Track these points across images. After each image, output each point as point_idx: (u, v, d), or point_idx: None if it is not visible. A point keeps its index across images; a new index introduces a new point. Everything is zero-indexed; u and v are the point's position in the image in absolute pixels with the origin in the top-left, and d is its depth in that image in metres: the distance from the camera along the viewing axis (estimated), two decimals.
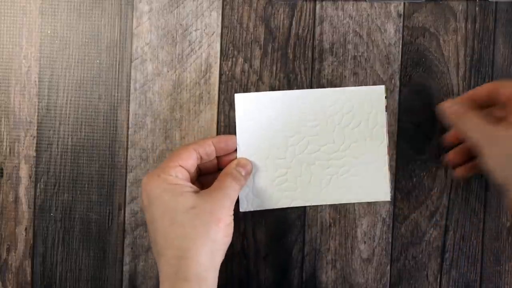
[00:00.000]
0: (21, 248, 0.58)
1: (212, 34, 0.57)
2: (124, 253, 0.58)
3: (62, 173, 0.58)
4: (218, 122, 0.57)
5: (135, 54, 0.57)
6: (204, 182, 0.55)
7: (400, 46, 0.57)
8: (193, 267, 0.49)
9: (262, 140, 0.56)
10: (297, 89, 0.57)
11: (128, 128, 0.57)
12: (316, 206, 0.57)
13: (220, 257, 0.51)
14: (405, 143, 0.57)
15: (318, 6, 0.57)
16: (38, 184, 0.58)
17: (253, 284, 0.58)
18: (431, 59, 0.57)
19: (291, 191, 0.56)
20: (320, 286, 0.58)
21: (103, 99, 0.57)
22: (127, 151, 0.58)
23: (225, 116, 0.57)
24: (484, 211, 0.58)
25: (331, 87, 0.57)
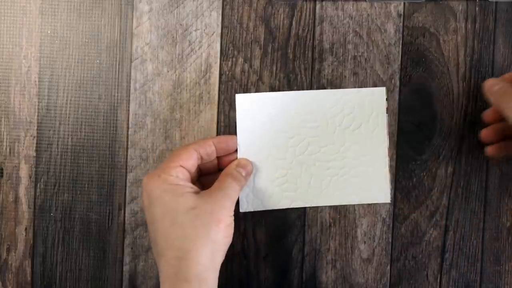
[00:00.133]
0: (21, 248, 0.58)
1: (212, 34, 0.57)
2: (124, 253, 0.58)
3: (62, 173, 0.58)
4: (218, 122, 0.57)
5: (135, 54, 0.57)
6: (204, 183, 0.55)
7: (400, 46, 0.57)
8: (193, 267, 0.49)
9: (263, 141, 0.56)
10: (297, 89, 0.57)
11: (128, 128, 0.57)
12: (316, 206, 0.57)
13: (220, 258, 0.51)
14: (405, 143, 0.57)
15: (318, 6, 0.57)
16: (38, 184, 0.58)
17: (253, 284, 0.58)
18: (431, 59, 0.57)
19: (291, 192, 0.56)
20: (320, 286, 0.58)
21: (103, 99, 0.57)
22: (127, 151, 0.57)
23: (225, 116, 0.57)
24: (484, 211, 0.58)
25: (331, 87, 0.57)
